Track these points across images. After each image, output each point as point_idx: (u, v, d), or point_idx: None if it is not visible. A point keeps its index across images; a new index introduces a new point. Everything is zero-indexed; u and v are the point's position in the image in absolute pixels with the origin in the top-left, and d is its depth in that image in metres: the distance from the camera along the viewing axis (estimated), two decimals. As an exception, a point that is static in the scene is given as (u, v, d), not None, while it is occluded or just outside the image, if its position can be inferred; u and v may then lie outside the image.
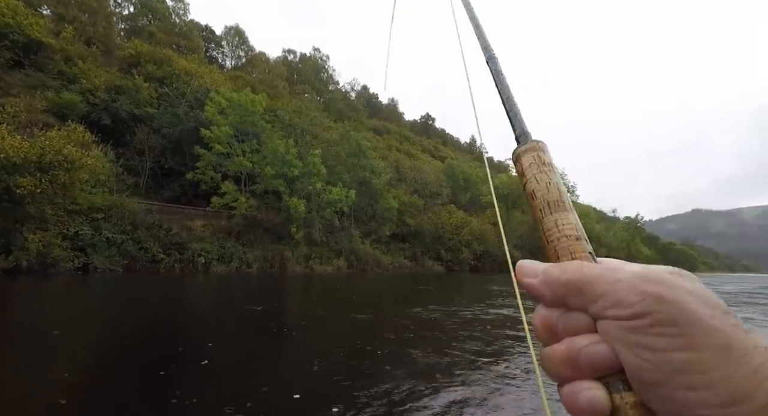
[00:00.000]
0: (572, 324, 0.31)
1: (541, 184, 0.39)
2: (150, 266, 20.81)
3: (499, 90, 0.53)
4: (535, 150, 0.42)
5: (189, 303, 11.06)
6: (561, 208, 0.37)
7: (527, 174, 0.41)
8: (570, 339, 0.31)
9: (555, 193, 0.38)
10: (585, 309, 0.31)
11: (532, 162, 0.41)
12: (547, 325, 0.33)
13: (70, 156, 18.12)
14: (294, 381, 4.15)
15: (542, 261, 0.35)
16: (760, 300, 15.59)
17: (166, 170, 30.43)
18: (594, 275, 0.31)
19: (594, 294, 0.30)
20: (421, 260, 38.80)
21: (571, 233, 0.36)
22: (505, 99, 0.51)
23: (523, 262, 0.36)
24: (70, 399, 3.53)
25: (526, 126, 0.46)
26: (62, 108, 26.33)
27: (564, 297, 0.32)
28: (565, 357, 0.30)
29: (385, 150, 57.05)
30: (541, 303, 0.34)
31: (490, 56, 0.60)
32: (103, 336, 6.03)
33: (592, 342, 0.30)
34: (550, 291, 0.33)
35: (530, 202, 0.40)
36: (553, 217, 0.37)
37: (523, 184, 0.41)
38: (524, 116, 0.47)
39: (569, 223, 0.36)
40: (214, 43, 69.58)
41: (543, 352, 0.33)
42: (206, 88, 37.26)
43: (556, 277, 0.32)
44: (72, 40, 33.62)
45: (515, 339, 6.40)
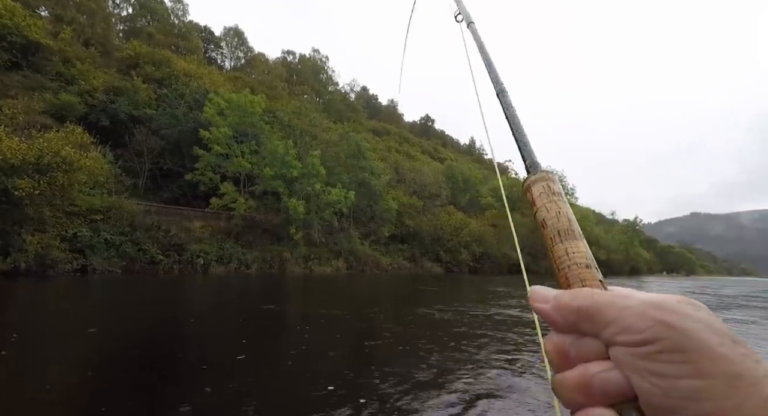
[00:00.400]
0: (585, 350, 0.31)
1: (551, 213, 0.40)
2: (149, 267, 20.73)
3: (510, 122, 0.55)
4: (545, 180, 0.43)
5: (188, 304, 11.01)
6: (571, 237, 0.38)
7: (537, 203, 0.42)
8: (583, 366, 0.31)
9: (565, 221, 0.39)
10: (596, 335, 0.31)
11: (542, 191, 0.42)
12: (560, 351, 0.33)
13: (68, 157, 18.04)
14: (296, 384, 4.11)
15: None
16: (759, 304, 15.61)
17: (165, 171, 30.36)
18: (604, 302, 0.31)
19: (605, 321, 0.30)
20: (420, 261, 38.76)
21: (581, 261, 0.36)
22: (515, 131, 0.53)
23: (535, 288, 0.36)
24: (67, 401, 3.49)
25: (535, 157, 0.48)
26: (60, 109, 26.25)
27: (575, 324, 0.32)
28: (578, 384, 0.31)
29: (384, 151, 57.05)
30: (553, 329, 0.34)
31: (500, 89, 0.63)
32: (101, 338, 5.98)
33: (604, 369, 0.30)
34: (561, 317, 0.33)
35: (541, 230, 0.41)
36: (564, 246, 0.38)
37: (533, 212, 0.42)
38: (531, 139, 0.50)
39: (579, 251, 0.37)
40: (213, 43, 69.59)
41: (556, 378, 0.33)
42: (205, 89, 37.22)
43: (567, 303, 0.33)
44: (70, 42, 33.57)
45: (529, 342, 6.38)
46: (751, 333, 8.51)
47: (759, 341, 7.45)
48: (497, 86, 0.64)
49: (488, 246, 44.67)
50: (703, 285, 32.80)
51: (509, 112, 0.57)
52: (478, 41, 0.77)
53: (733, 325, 9.69)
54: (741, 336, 0.26)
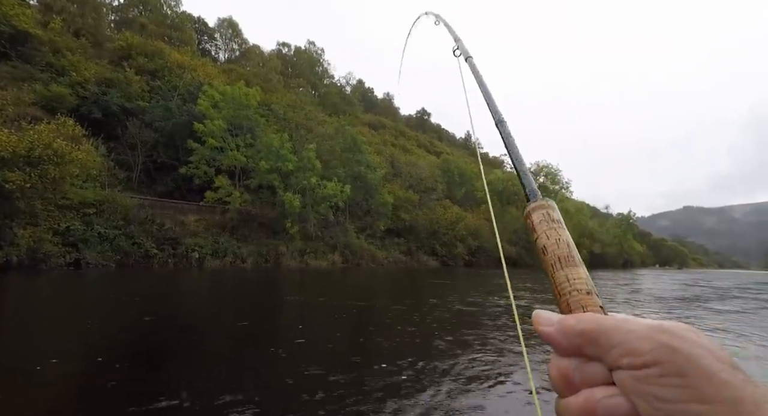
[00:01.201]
0: (589, 375, 0.32)
1: (551, 240, 0.41)
2: (143, 261, 20.62)
3: (509, 152, 0.57)
4: (544, 207, 0.45)
5: (183, 297, 10.97)
6: (571, 264, 0.39)
7: (538, 230, 0.43)
8: (587, 391, 0.31)
9: (564, 248, 0.40)
10: (600, 359, 0.31)
11: (542, 219, 0.44)
12: (564, 376, 0.33)
13: (59, 150, 17.80)
14: (290, 381, 4.11)
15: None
16: (751, 295, 15.83)
17: (159, 164, 30.08)
18: (609, 325, 0.31)
19: (609, 344, 0.30)
20: (416, 255, 38.88)
21: (582, 287, 0.37)
22: (515, 160, 0.55)
23: (538, 312, 0.37)
24: (60, 394, 3.46)
25: (535, 185, 0.50)
26: (51, 101, 25.83)
27: (580, 347, 0.32)
28: (582, 409, 0.31)
29: (380, 145, 56.88)
30: (556, 352, 0.34)
31: (499, 119, 0.65)
32: (95, 332, 5.94)
33: (609, 394, 0.30)
34: (566, 339, 0.33)
35: (541, 257, 0.42)
36: (564, 272, 0.39)
37: (534, 239, 0.44)
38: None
39: (580, 278, 0.38)
40: (207, 35, 68.60)
41: (559, 404, 0.33)
42: (199, 81, 36.80)
43: (571, 326, 0.33)
44: (60, 32, 32.95)
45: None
46: (752, 322, 8.62)
47: (757, 330, 7.55)
48: (496, 116, 0.66)
49: (484, 239, 44.89)
50: (695, 278, 33.22)
51: (508, 141, 0.59)
52: (477, 75, 0.79)
53: (733, 315, 9.84)
54: (741, 326, 0.35)
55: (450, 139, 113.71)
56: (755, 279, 38.08)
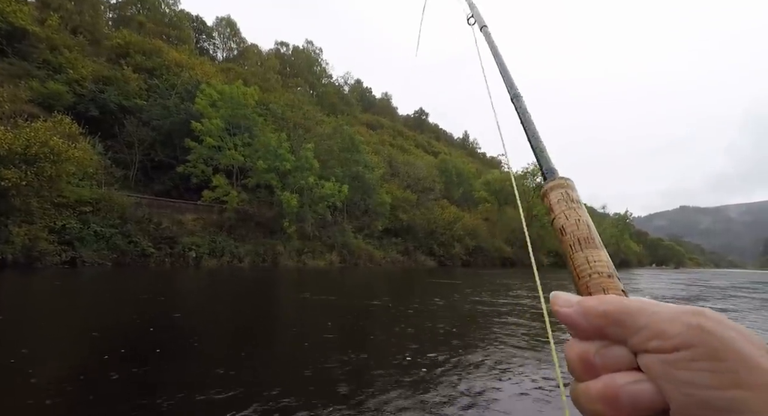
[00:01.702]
0: (611, 359, 0.30)
1: (571, 221, 0.40)
2: (140, 260, 20.54)
3: (525, 128, 0.54)
4: (563, 187, 0.42)
5: (178, 297, 10.92)
6: (592, 245, 0.38)
7: (556, 210, 0.41)
8: (609, 376, 0.29)
9: (585, 229, 0.39)
10: (625, 341, 0.29)
11: (560, 198, 0.42)
12: (583, 360, 0.31)
13: (56, 148, 17.72)
14: (286, 380, 4.09)
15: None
16: (748, 294, 15.91)
17: (156, 163, 29.96)
18: (634, 306, 0.30)
19: (635, 326, 0.29)
20: (413, 255, 38.88)
21: (603, 270, 0.36)
22: (531, 136, 0.52)
23: (557, 293, 0.35)
24: (55, 392, 3.43)
25: (552, 163, 0.47)
26: (48, 98, 25.70)
27: (602, 329, 0.30)
28: (603, 395, 0.29)
29: (378, 144, 56.89)
30: (575, 335, 0.33)
31: (515, 94, 0.62)
32: (89, 330, 5.91)
33: (634, 380, 0.28)
34: (587, 321, 0.31)
35: (559, 237, 0.40)
36: (584, 254, 0.37)
37: (551, 219, 0.42)
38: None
39: (601, 260, 0.36)
40: (205, 34, 68.40)
41: (578, 388, 0.31)
42: (197, 80, 36.69)
43: (592, 307, 0.31)
44: (57, 29, 32.77)
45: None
46: (753, 323, 8.64)
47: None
48: (511, 91, 0.63)
49: (481, 239, 44.96)
50: (693, 278, 33.36)
51: (524, 117, 0.56)
52: (492, 45, 0.75)
53: (734, 314, 9.87)
54: (744, 324, 0.25)
55: (448, 139, 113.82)
56: (752, 278, 38.26)
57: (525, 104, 0.59)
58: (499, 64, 0.69)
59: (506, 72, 0.66)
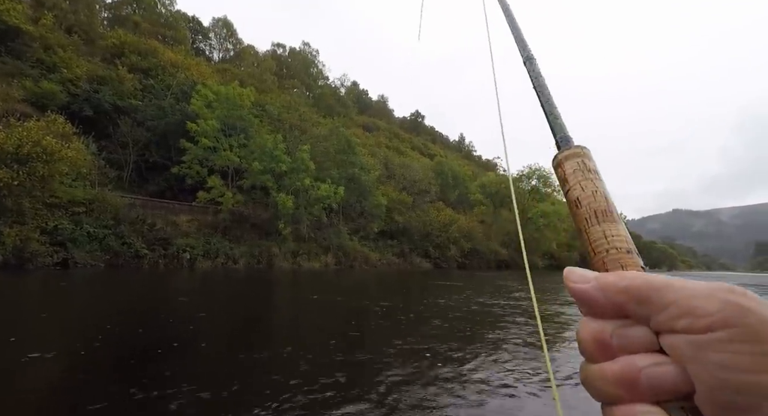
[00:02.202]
0: (631, 340, 0.27)
1: (587, 192, 0.37)
2: (133, 261, 20.35)
3: (538, 92, 0.51)
4: (579, 156, 0.39)
5: (170, 298, 10.82)
6: (609, 219, 0.35)
7: (570, 181, 0.39)
8: (628, 358, 0.27)
9: (602, 202, 0.36)
10: (647, 319, 0.27)
11: (576, 168, 0.39)
12: (599, 340, 0.28)
13: (49, 147, 17.55)
14: (289, 381, 4.06)
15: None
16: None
17: (151, 164, 29.76)
18: (660, 282, 0.27)
19: (661, 303, 0.26)
20: (409, 257, 38.89)
21: (621, 245, 0.33)
22: (545, 102, 0.49)
23: (571, 268, 0.32)
24: (46, 395, 3.38)
25: (567, 131, 0.44)
26: (41, 98, 25.48)
27: (622, 306, 0.28)
28: (621, 378, 0.27)
29: (374, 147, 56.94)
30: (590, 313, 0.30)
31: (528, 57, 0.58)
32: (80, 332, 5.83)
33: (656, 362, 0.26)
34: (605, 297, 0.29)
35: (573, 210, 0.38)
36: (601, 228, 0.35)
37: (565, 190, 0.39)
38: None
39: (619, 235, 0.34)
40: (201, 34, 68.22)
41: (590, 369, 0.29)
42: (193, 80, 36.58)
43: (612, 283, 0.29)
44: (51, 28, 32.52)
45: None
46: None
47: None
48: (524, 53, 0.59)
49: (477, 242, 45.06)
50: (684, 282, 33.56)
51: (537, 81, 0.52)
52: (503, 4, 0.69)
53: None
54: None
55: (444, 142, 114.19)
56: (743, 281, 38.65)
57: (539, 67, 0.55)
58: (511, 24, 0.64)
59: (519, 32, 0.62)
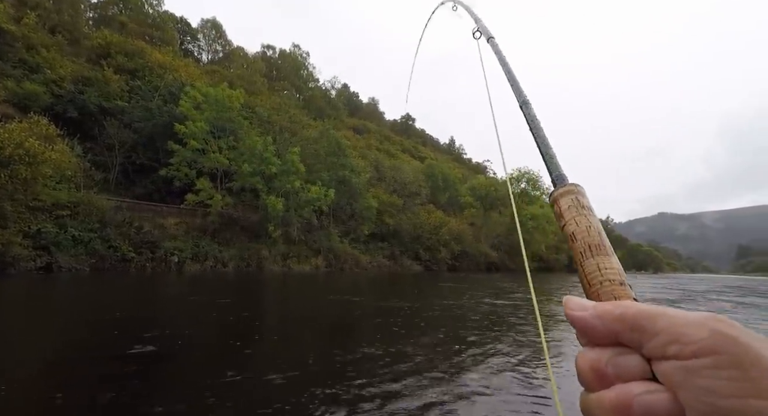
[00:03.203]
0: (625, 368, 0.29)
1: (581, 227, 0.39)
2: (119, 265, 19.98)
3: (534, 134, 0.54)
4: (573, 193, 0.42)
5: (157, 303, 10.65)
6: (603, 252, 0.37)
7: (566, 216, 0.41)
8: (623, 386, 0.28)
9: (596, 236, 0.38)
10: (641, 346, 0.28)
11: (570, 205, 0.41)
12: (595, 369, 0.30)
13: (32, 149, 17.17)
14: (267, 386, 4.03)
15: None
16: (727, 298, 16.45)
17: (138, 166, 29.29)
18: (653, 311, 0.29)
19: (653, 329, 0.27)
20: (399, 259, 38.92)
21: (614, 277, 0.35)
22: (540, 143, 0.52)
23: (570, 297, 0.34)
24: (25, 403, 3.30)
25: (562, 169, 0.47)
26: (24, 99, 24.92)
27: (618, 333, 0.29)
28: (616, 405, 0.28)
29: (364, 149, 56.95)
30: (588, 341, 0.32)
31: (523, 101, 0.62)
32: (62, 337, 5.70)
33: (648, 389, 0.27)
34: (602, 324, 0.30)
35: (570, 244, 0.40)
36: (595, 261, 0.37)
37: (561, 225, 0.42)
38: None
39: (612, 268, 0.36)
40: (189, 35, 67.51)
41: (588, 398, 0.30)
42: (181, 81, 36.16)
43: (608, 311, 0.30)
44: (35, 27, 31.82)
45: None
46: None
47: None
48: (520, 98, 0.63)
49: (467, 244, 45.30)
50: (672, 282, 34.24)
51: (533, 123, 0.56)
52: (500, 55, 0.75)
53: (728, 314, 10.11)
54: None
55: (434, 144, 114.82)
56: (726, 282, 39.58)
57: (534, 111, 0.59)
58: (507, 73, 0.69)
59: (514, 80, 0.67)
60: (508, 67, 0.70)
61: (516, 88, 0.65)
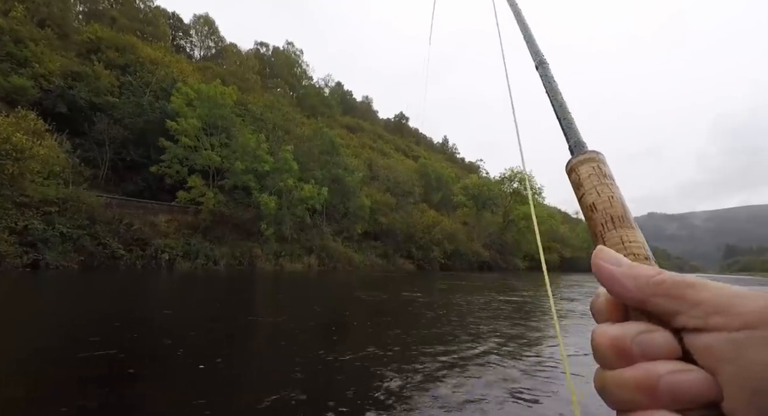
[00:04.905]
0: (652, 346, 0.26)
1: (603, 197, 0.36)
2: (109, 263, 19.74)
3: (551, 97, 0.50)
4: (594, 161, 0.39)
5: (145, 301, 10.55)
6: (627, 225, 0.34)
7: (585, 185, 0.38)
8: (647, 364, 0.25)
9: (619, 207, 0.35)
10: (673, 318, 0.26)
11: (591, 173, 0.38)
12: (617, 346, 0.27)
13: (19, 144, 16.94)
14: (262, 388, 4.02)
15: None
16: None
17: (128, 162, 28.95)
18: (695, 280, 0.26)
19: (695, 298, 0.25)
20: (392, 258, 38.94)
21: (639, 252, 0.32)
22: (557, 107, 0.48)
23: (603, 247, 0.31)
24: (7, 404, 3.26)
25: (581, 135, 0.44)
26: (11, 93, 24.54)
27: (650, 299, 0.26)
28: (640, 385, 0.25)
29: (358, 148, 56.90)
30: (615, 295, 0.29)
31: (540, 61, 0.58)
32: (38, 340, 5.63)
33: (678, 368, 0.25)
34: (635, 286, 0.27)
35: (588, 215, 0.37)
36: (618, 233, 0.33)
37: (579, 195, 0.38)
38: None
39: (636, 241, 0.33)
40: (181, 31, 66.87)
41: (608, 376, 0.27)
42: (173, 77, 35.81)
43: (647, 272, 0.27)
44: (23, 20, 31.24)
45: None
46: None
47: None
48: (536, 58, 0.59)
49: (459, 243, 45.48)
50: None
51: (550, 86, 0.52)
52: (515, 9, 0.70)
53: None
54: None
55: (428, 144, 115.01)
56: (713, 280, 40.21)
57: (551, 71, 0.55)
58: (523, 30, 0.65)
59: (531, 37, 0.63)
60: (524, 24, 0.66)
61: (532, 47, 0.61)
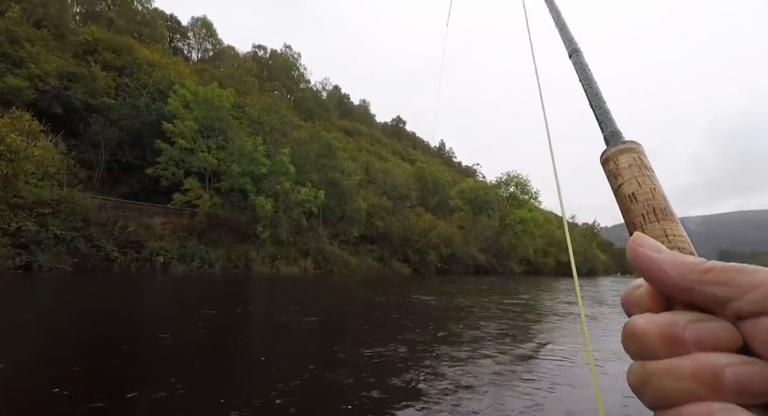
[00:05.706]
0: (709, 334, 0.23)
1: (645, 188, 0.34)
2: (103, 265, 19.56)
3: (585, 86, 0.49)
4: (635, 151, 0.37)
5: (138, 305, 10.46)
6: (670, 218, 0.32)
7: (625, 175, 0.36)
8: (706, 355, 0.23)
9: (661, 200, 0.33)
10: (726, 305, 0.23)
11: (632, 163, 0.36)
12: (668, 334, 0.24)
13: (13, 145, 16.82)
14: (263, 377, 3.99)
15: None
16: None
17: (124, 164, 28.78)
18: (746, 265, 0.24)
19: (750, 282, 0.23)
20: (389, 262, 38.86)
21: (684, 246, 0.30)
22: (592, 96, 0.47)
23: (641, 234, 0.29)
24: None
25: (616, 125, 0.42)
26: (6, 93, 24.38)
27: (697, 288, 0.24)
28: (699, 375, 0.22)
29: (355, 151, 56.88)
30: (655, 285, 0.27)
31: (573, 49, 0.56)
32: (31, 343, 5.56)
33: (743, 360, 0.22)
34: (679, 273, 0.25)
35: (627, 206, 0.35)
36: (661, 226, 0.32)
37: (616, 185, 0.36)
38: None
39: (680, 236, 0.31)
40: (179, 33, 66.74)
41: (653, 366, 0.24)
42: (170, 79, 35.72)
43: (692, 261, 0.25)
44: (19, 21, 31.11)
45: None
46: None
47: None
48: (570, 46, 0.57)
49: (456, 247, 45.48)
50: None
51: (584, 74, 0.50)
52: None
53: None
54: None
55: (424, 148, 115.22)
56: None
57: (585, 59, 0.53)
58: (556, 19, 0.63)
59: (564, 25, 0.61)
60: (556, 10, 0.64)
61: (565, 34, 0.59)
